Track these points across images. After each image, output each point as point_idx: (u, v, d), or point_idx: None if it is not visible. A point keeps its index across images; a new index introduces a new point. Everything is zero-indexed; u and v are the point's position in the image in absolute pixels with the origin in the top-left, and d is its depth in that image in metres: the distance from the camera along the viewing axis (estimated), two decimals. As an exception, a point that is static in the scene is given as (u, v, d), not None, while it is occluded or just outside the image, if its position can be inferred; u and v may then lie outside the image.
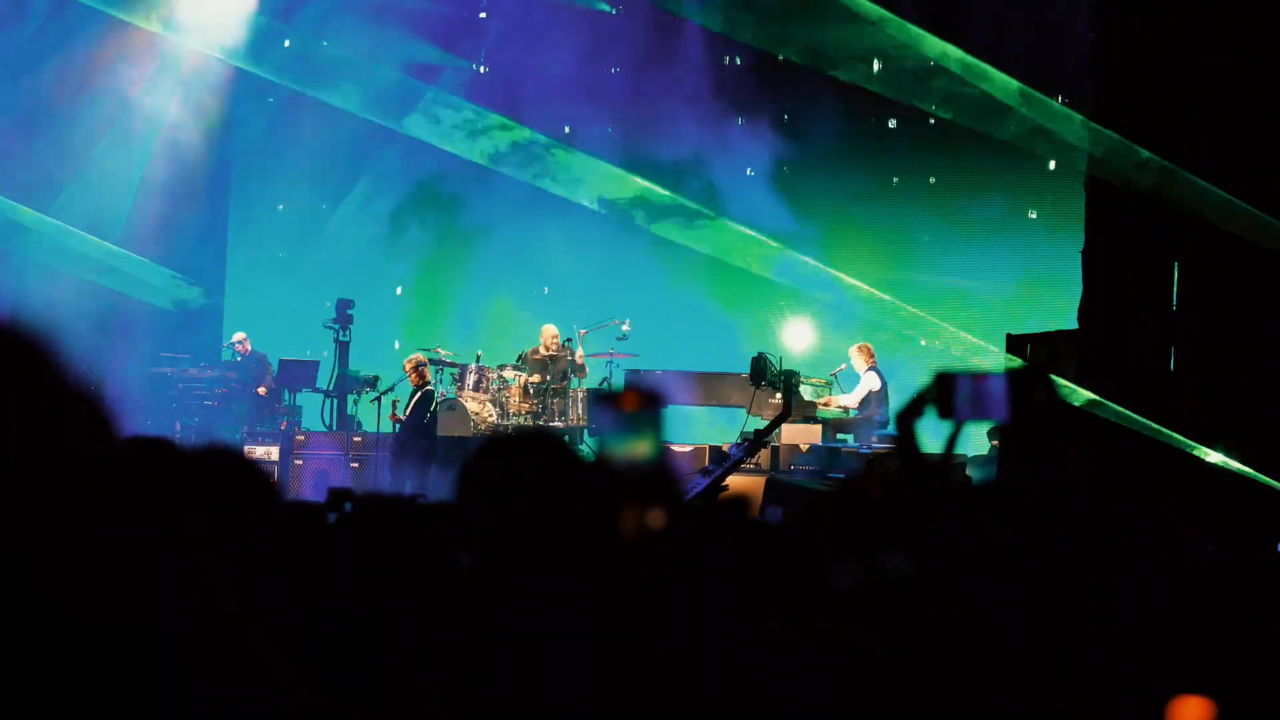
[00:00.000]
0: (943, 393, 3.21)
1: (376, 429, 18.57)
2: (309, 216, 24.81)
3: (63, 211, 20.57)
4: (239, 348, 20.70)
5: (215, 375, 20.31)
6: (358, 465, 18.43)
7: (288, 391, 21.26)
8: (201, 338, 22.44)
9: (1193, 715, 3.12)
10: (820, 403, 18.51)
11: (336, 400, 20.65)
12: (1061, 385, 12.37)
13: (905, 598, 3.09)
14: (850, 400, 18.55)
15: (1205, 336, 12.28)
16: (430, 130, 22.50)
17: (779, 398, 17.15)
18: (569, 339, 20.11)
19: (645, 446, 2.84)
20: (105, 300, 20.84)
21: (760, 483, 14.79)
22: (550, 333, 20.02)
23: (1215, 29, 12.20)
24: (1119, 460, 11.76)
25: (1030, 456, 3.35)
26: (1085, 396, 12.11)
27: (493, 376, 19.71)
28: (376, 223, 24.32)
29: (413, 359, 19.14)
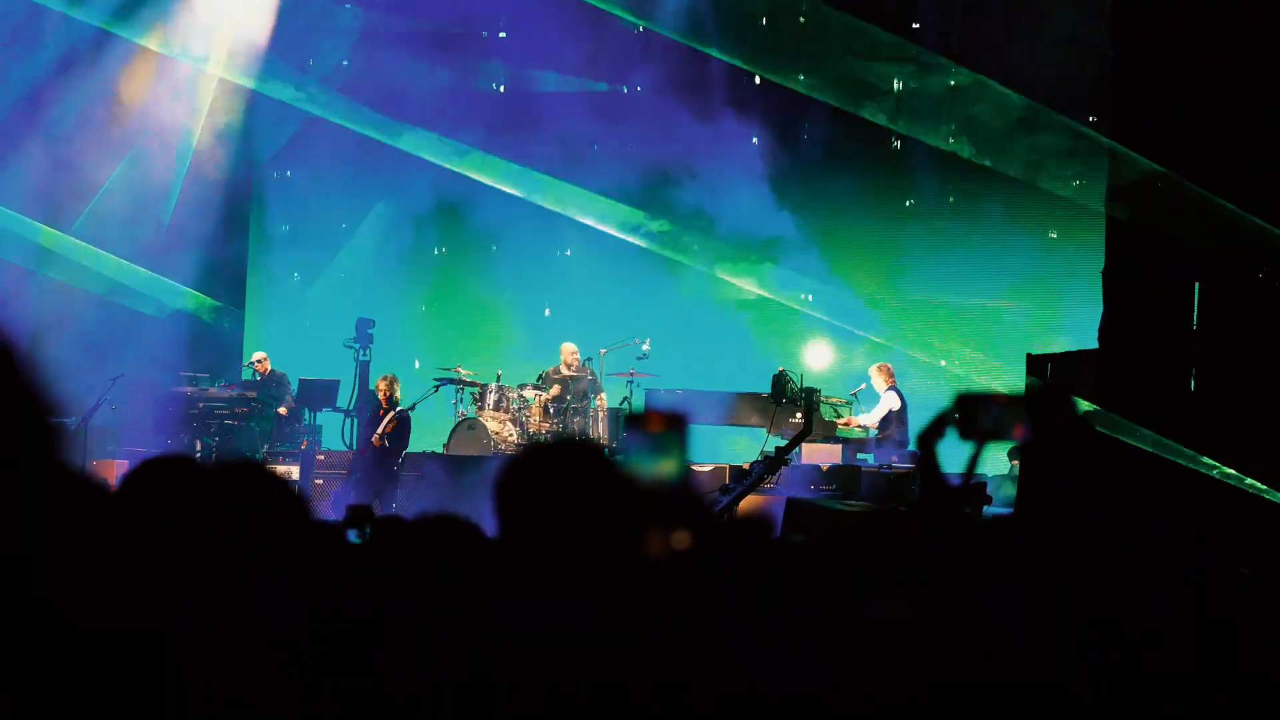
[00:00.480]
0: (964, 414, 3.21)
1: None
2: (328, 236, 24.85)
3: (83, 231, 20.64)
4: (258, 367, 20.72)
5: (235, 394, 20.33)
6: (389, 479, 18.43)
7: (308, 411, 21.28)
8: (222, 357, 22.50)
9: None
10: (840, 422, 18.49)
11: (357, 419, 20.66)
12: (1082, 405, 12.34)
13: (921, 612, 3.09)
14: (870, 420, 18.53)
15: (1226, 356, 12.24)
16: (447, 151, 22.54)
17: (799, 417, 17.13)
18: (589, 359, 20.12)
19: (670, 467, 2.84)
20: (125, 319, 20.90)
21: (780, 503, 14.77)
22: (570, 351, 20.04)
23: (1238, 51, 12.17)
24: (1139, 480, 11.72)
25: (1051, 477, 3.34)
26: (1106, 416, 12.08)
27: (513, 396, 19.72)
28: (396, 243, 24.33)
29: (387, 378, 19.30)
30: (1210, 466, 11.75)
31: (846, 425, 18.52)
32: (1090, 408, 12.08)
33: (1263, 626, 3.83)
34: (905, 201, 23.15)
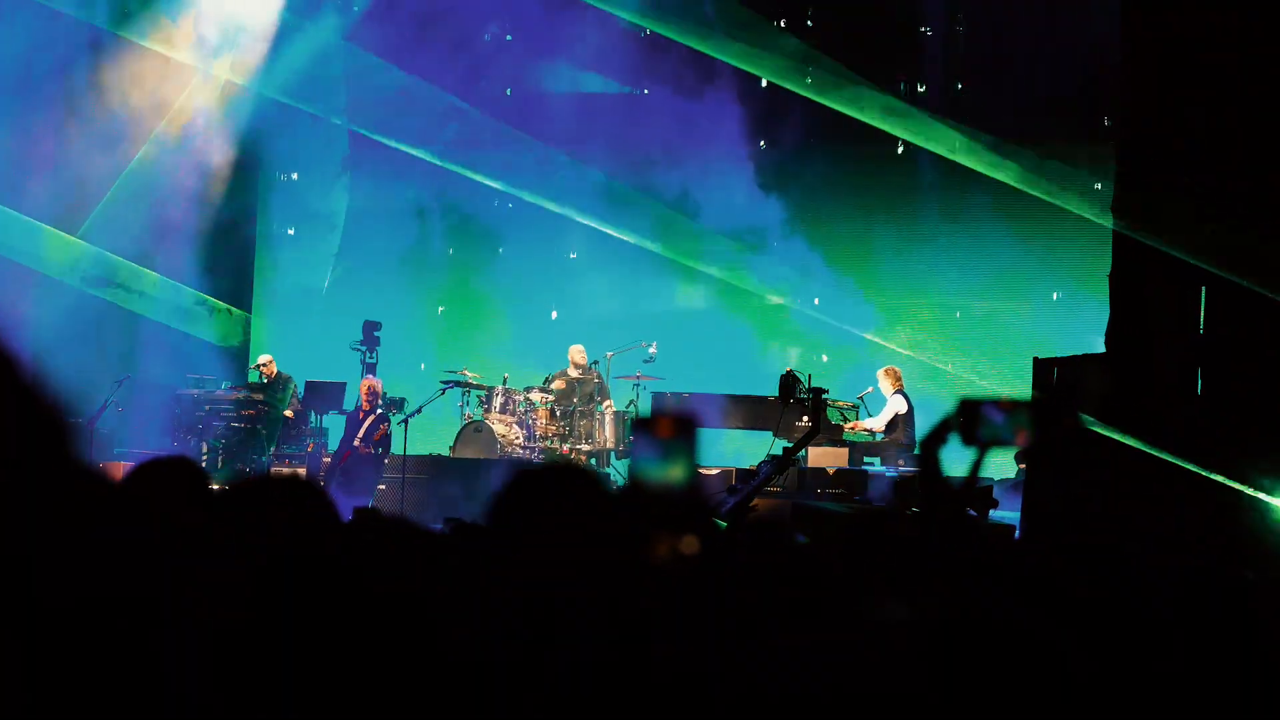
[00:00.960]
0: (967, 419, 3.21)
1: (404, 450, 18.57)
2: (334, 238, 24.85)
3: (90, 234, 20.66)
4: (264, 370, 20.72)
5: (242, 397, 20.34)
6: (384, 487, 18.44)
7: (314, 413, 21.29)
8: (228, 360, 22.51)
9: None
10: (847, 426, 18.49)
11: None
12: (1087, 409, 12.33)
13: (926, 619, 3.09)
14: (877, 423, 18.52)
15: (1233, 361, 12.22)
16: (455, 154, 22.58)
17: (806, 420, 17.10)
18: (595, 361, 20.12)
19: (678, 472, 2.84)
20: (130, 322, 20.93)
21: (785, 507, 14.75)
22: (579, 352, 20.05)
23: (1246, 53, 12.16)
24: (1145, 485, 11.71)
25: (1056, 480, 3.35)
26: (1112, 420, 12.07)
27: (519, 399, 19.73)
28: (401, 245, 24.33)
29: (374, 384, 19.37)
30: (1215, 470, 11.74)
31: (853, 429, 18.52)
32: (1096, 412, 12.07)
33: (1266, 631, 3.83)
34: (911, 205, 23.13)
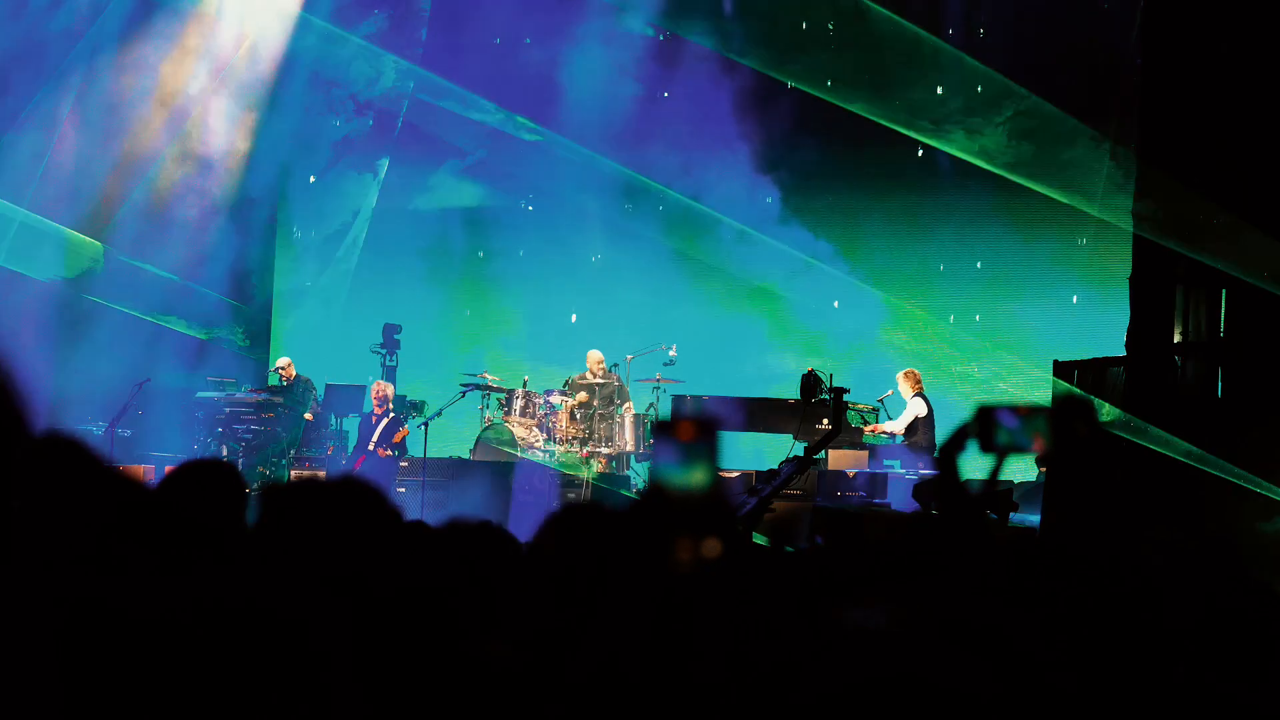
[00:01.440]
0: (984, 426, 3.22)
1: (424, 454, 18.60)
2: (355, 242, 24.90)
3: (107, 236, 20.74)
4: (283, 373, 20.75)
5: (262, 399, 20.37)
6: (404, 490, 18.47)
7: (334, 416, 21.32)
8: (248, 362, 22.56)
9: None
10: (867, 429, 18.48)
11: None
12: (1107, 412, 12.33)
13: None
14: (897, 426, 18.50)
15: (1253, 363, 12.22)
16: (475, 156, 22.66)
17: (826, 422, 17.07)
18: (615, 364, 20.13)
19: (700, 476, 2.84)
20: (146, 326, 20.98)
21: (806, 510, 14.77)
22: (596, 358, 20.06)
23: (1263, 60, 12.15)
24: (1164, 487, 11.71)
25: (1075, 485, 3.36)
26: (1132, 423, 12.07)
27: (539, 402, 19.75)
28: (424, 248, 24.37)
29: (384, 387, 19.43)
30: (1236, 474, 11.74)
31: (873, 432, 18.51)
32: (1115, 415, 12.07)
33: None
34: (933, 209, 23.10)
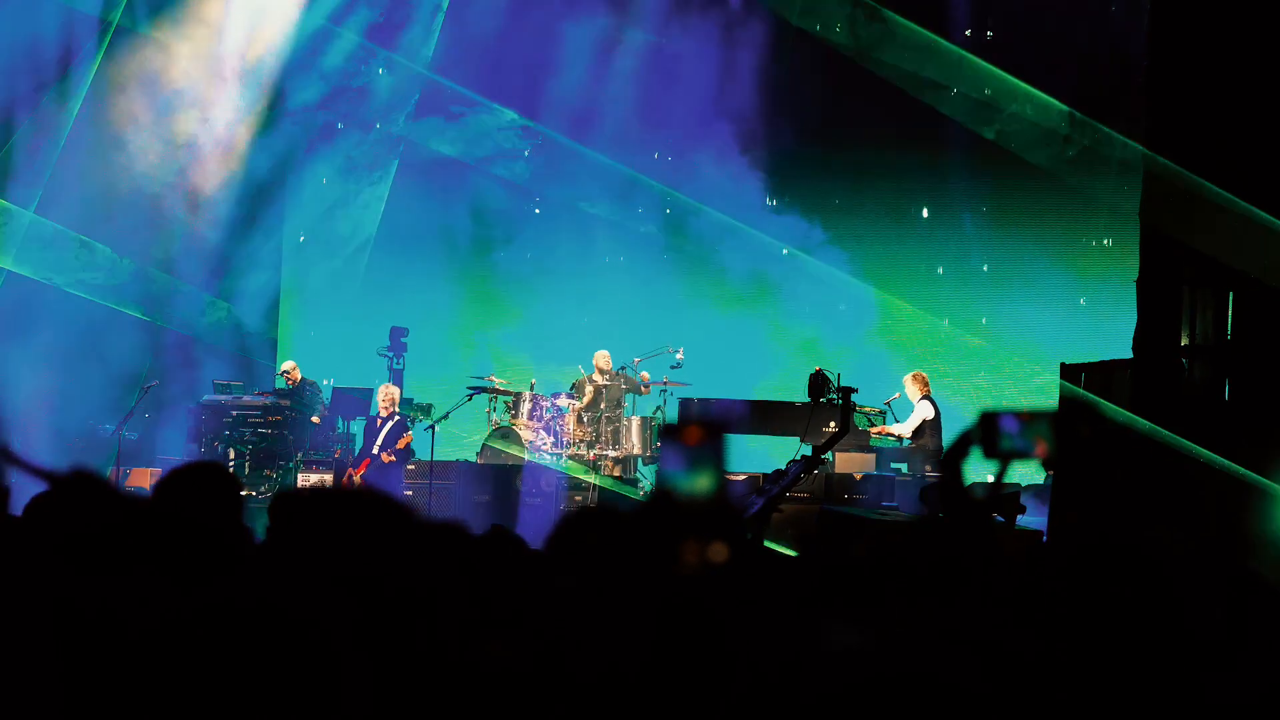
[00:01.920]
0: (988, 433, 3.21)
1: (431, 456, 18.61)
2: (361, 243, 24.92)
3: (116, 241, 20.76)
4: (289, 376, 20.77)
5: (269, 403, 20.38)
6: (411, 494, 18.48)
7: (341, 419, 21.33)
8: (255, 366, 22.57)
9: None
10: (873, 431, 18.46)
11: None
12: (1113, 414, 12.31)
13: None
14: (904, 429, 18.47)
15: (1261, 366, 12.19)
16: (480, 154, 22.66)
17: (833, 426, 17.06)
18: (623, 367, 20.13)
19: (706, 480, 2.84)
20: (154, 329, 21.00)
21: (813, 512, 14.75)
22: (604, 358, 20.07)
23: (1272, 60, 12.13)
24: (1170, 490, 11.68)
25: (1080, 487, 3.35)
26: (1139, 425, 12.04)
27: (546, 405, 19.75)
28: (429, 249, 24.39)
29: (395, 392, 19.46)
30: (1242, 476, 11.71)
31: (880, 433, 18.49)
32: (1123, 417, 12.05)
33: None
34: (944, 207, 23.10)
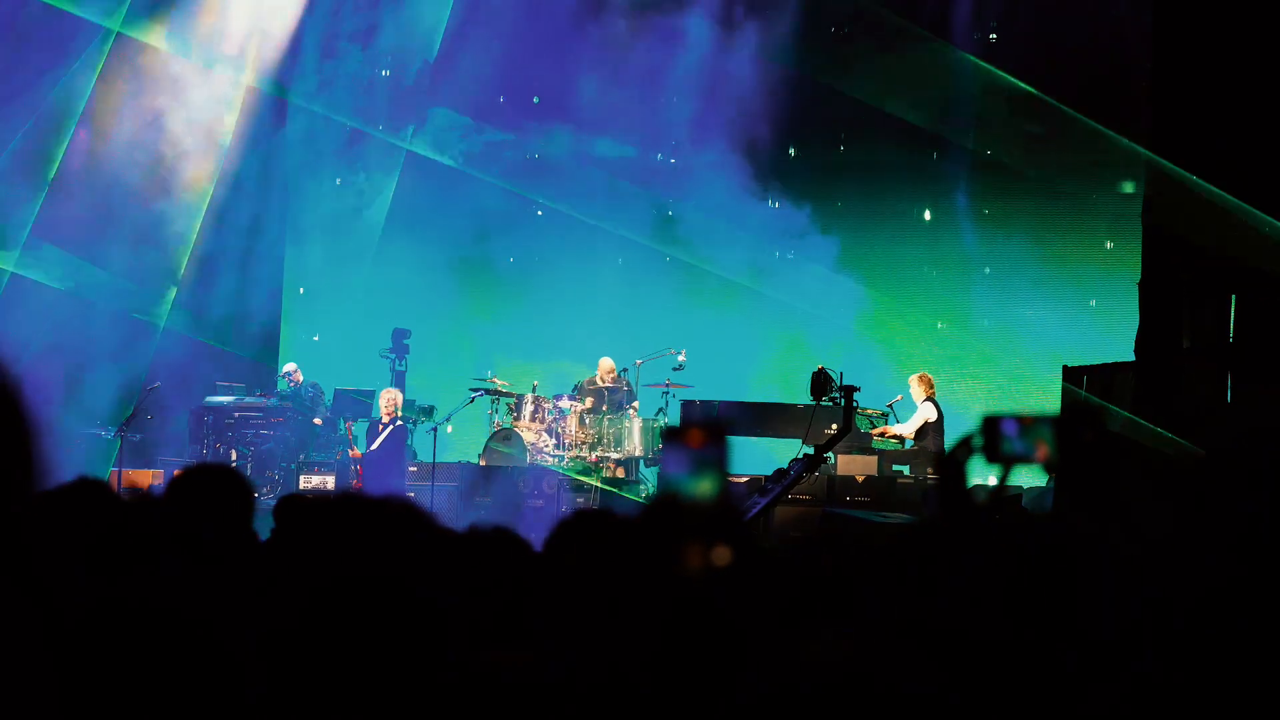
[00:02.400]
0: (989, 437, 3.21)
1: (433, 458, 18.62)
2: (365, 244, 24.91)
3: (111, 250, 20.76)
4: (291, 378, 20.78)
5: (271, 404, 20.39)
6: (413, 495, 18.48)
7: (342, 421, 21.32)
8: (257, 367, 22.57)
9: None
10: (875, 433, 18.42)
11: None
12: (1116, 417, 12.31)
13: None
14: (906, 430, 18.43)
15: (1262, 369, 12.19)
16: (481, 163, 22.70)
17: (834, 428, 17.05)
18: (624, 369, 20.14)
19: (708, 483, 2.84)
20: (157, 331, 21.00)
21: (815, 515, 14.76)
22: (607, 366, 20.08)
23: (1274, 57, 12.13)
24: (1172, 492, 11.69)
25: (1083, 492, 3.35)
26: (1141, 428, 12.05)
27: (549, 407, 19.76)
28: (431, 254, 24.38)
29: (397, 397, 19.49)
30: (1244, 475, 11.71)
31: (882, 434, 18.46)
32: (1126, 419, 12.05)
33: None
34: (945, 211, 23.09)
